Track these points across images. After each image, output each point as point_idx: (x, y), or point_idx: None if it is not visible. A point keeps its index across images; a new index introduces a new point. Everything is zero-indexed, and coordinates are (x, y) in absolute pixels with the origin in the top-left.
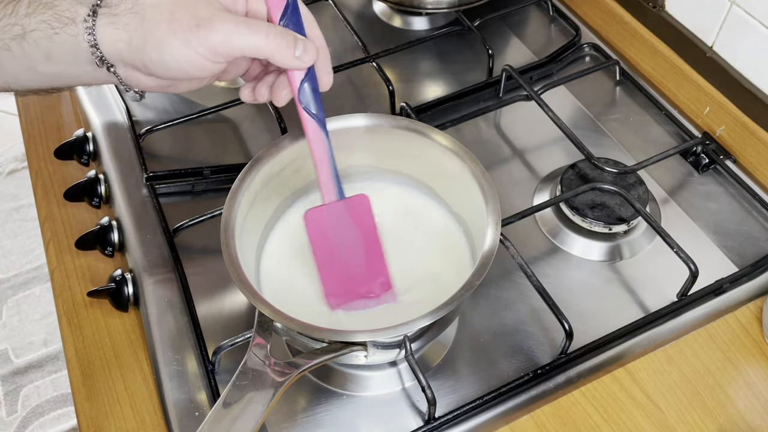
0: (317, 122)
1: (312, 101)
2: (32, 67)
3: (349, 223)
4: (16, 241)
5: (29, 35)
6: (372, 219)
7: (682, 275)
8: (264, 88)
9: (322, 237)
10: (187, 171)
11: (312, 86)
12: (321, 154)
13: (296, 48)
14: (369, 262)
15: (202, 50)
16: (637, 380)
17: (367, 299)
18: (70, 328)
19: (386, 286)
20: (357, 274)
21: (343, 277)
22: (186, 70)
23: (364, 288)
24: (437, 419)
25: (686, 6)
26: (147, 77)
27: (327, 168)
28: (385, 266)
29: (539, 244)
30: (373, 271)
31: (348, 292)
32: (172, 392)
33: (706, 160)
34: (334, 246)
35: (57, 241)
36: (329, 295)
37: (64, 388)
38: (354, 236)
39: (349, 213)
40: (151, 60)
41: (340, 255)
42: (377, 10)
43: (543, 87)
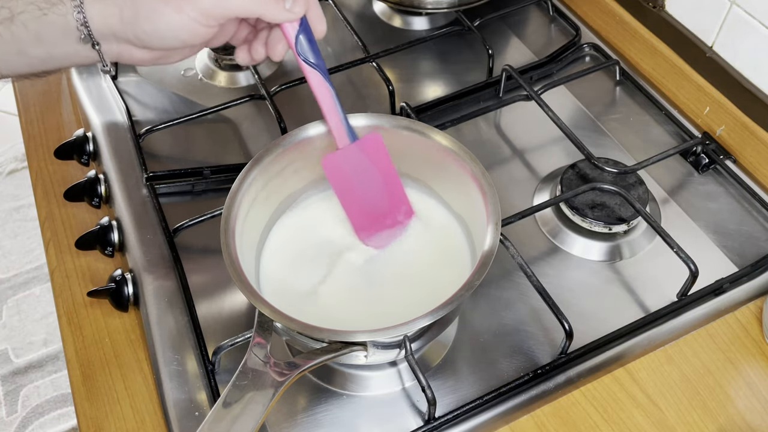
0: (318, 71)
1: (310, 51)
2: (22, 51)
3: (366, 162)
4: (16, 241)
5: (17, 18)
6: (386, 154)
7: (682, 275)
8: (260, 46)
9: (343, 179)
10: (187, 171)
11: (307, 37)
12: (327, 102)
13: (286, 1)
14: (390, 194)
15: (195, 14)
16: (637, 380)
17: (395, 228)
18: (70, 328)
19: (409, 213)
20: (381, 207)
21: (368, 211)
22: (180, 37)
23: (389, 218)
24: (437, 419)
25: (686, 6)
26: (140, 50)
27: (335, 114)
28: (405, 195)
29: (539, 244)
30: (394, 201)
31: (375, 224)
32: (172, 392)
33: (706, 160)
34: (355, 185)
35: (57, 241)
36: (358, 229)
37: (64, 388)
38: (372, 173)
39: (364, 153)
40: (144, 31)
41: (362, 192)
42: (377, 10)
43: (543, 87)
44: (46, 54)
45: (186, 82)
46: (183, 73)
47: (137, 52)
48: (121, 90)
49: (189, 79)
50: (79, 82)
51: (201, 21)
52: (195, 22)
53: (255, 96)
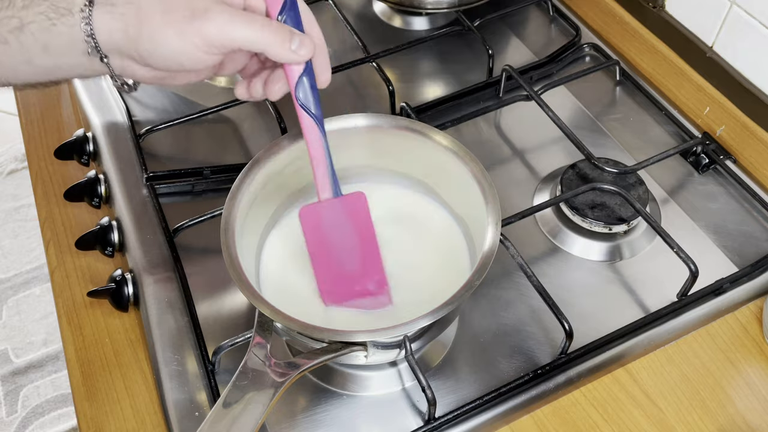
0: (314, 120)
1: (309, 98)
2: (30, 60)
3: (345, 220)
4: (16, 241)
5: (27, 27)
6: (368, 217)
7: (682, 275)
8: (258, 83)
9: (318, 234)
10: (187, 171)
11: (310, 83)
12: (318, 152)
13: (292, 42)
14: (365, 260)
15: (197, 41)
16: (637, 380)
17: (362, 299)
18: (70, 328)
19: (381, 284)
20: (352, 272)
21: (338, 274)
22: (180, 61)
23: (359, 286)
24: (437, 419)
25: (686, 6)
26: (143, 68)
27: (323, 165)
28: (381, 265)
29: (539, 244)
30: (368, 269)
31: (343, 289)
32: (172, 392)
33: (706, 160)
34: (329, 243)
35: (57, 241)
36: (324, 291)
37: (64, 388)
38: (350, 234)
39: (345, 211)
40: (146, 50)
41: (336, 252)
42: (377, 10)
43: (543, 87)
44: (53, 64)
45: None
46: None
47: (140, 69)
48: (118, 87)
49: None
50: (79, 82)
51: (203, 48)
52: (197, 48)
53: None
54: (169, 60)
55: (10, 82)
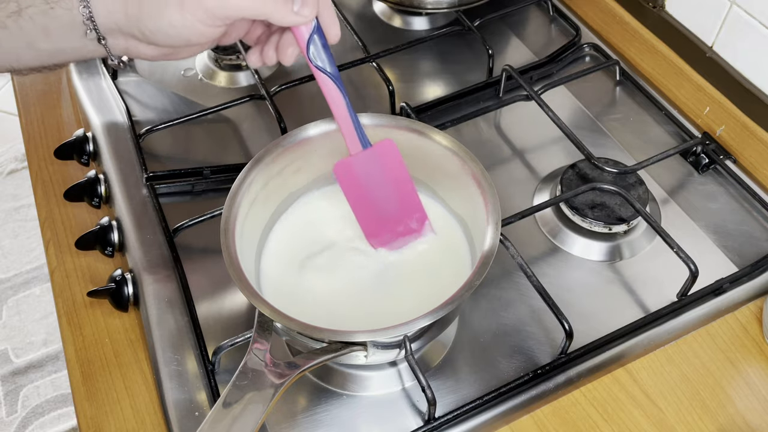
0: (331, 77)
1: (323, 57)
2: (31, 44)
3: (379, 168)
4: (16, 241)
5: (25, 11)
6: (401, 161)
7: (682, 275)
8: (271, 49)
9: (355, 186)
10: (187, 171)
11: (321, 42)
12: (339, 108)
13: (294, 3)
14: (403, 201)
15: (199, 14)
16: (637, 380)
17: (407, 236)
18: (70, 328)
19: (422, 219)
20: (393, 215)
21: (380, 219)
22: (184, 36)
23: (402, 225)
24: (437, 419)
25: (686, 6)
26: (147, 46)
27: (348, 121)
28: (419, 202)
29: (539, 244)
30: (408, 208)
31: (387, 231)
32: (172, 392)
33: (706, 160)
34: (367, 193)
35: (57, 241)
36: (369, 236)
37: (64, 388)
38: (385, 180)
39: (377, 160)
40: (149, 28)
41: (375, 200)
42: (377, 10)
43: (543, 87)
44: (55, 48)
45: (186, 82)
46: (183, 73)
47: (144, 47)
48: (121, 90)
49: (189, 79)
50: (79, 82)
51: (205, 21)
52: (199, 21)
53: (255, 96)
54: (172, 36)
55: (13, 68)
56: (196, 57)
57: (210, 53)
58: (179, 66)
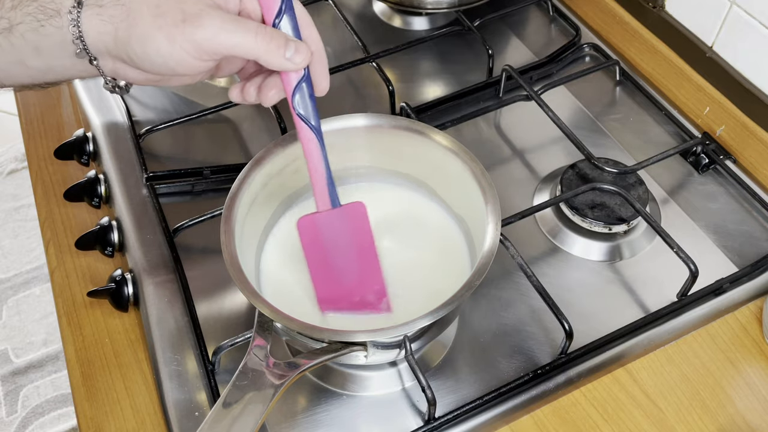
0: (313, 131)
1: (308, 108)
2: (22, 61)
3: (344, 231)
4: (16, 241)
5: (15, 28)
6: (368, 227)
7: (682, 275)
8: (252, 87)
9: (316, 244)
10: (187, 171)
11: (308, 92)
12: (315, 162)
13: (287, 49)
14: (363, 270)
15: (187, 46)
16: (637, 380)
17: (362, 309)
18: (70, 328)
19: (381, 294)
20: (351, 283)
21: (336, 284)
22: (170, 66)
23: (357, 296)
24: (437, 419)
25: (686, 6)
26: (134, 70)
27: (322, 175)
28: (381, 275)
29: (539, 244)
30: (367, 279)
31: (341, 299)
32: (172, 392)
33: (706, 160)
34: (327, 254)
35: (57, 241)
36: (322, 301)
37: (64, 388)
38: (348, 244)
39: (343, 221)
40: (136, 54)
41: (334, 263)
42: (377, 10)
43: (543, 87)
44: (46, 66)
45: None
46: None
47: (131, 71)
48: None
49: None
50: (79, 82)
51: (193, 54)
52: (187, 54)
53: None
54: (159, 64)
55: (3, 84)
56: None
57: None
58: None
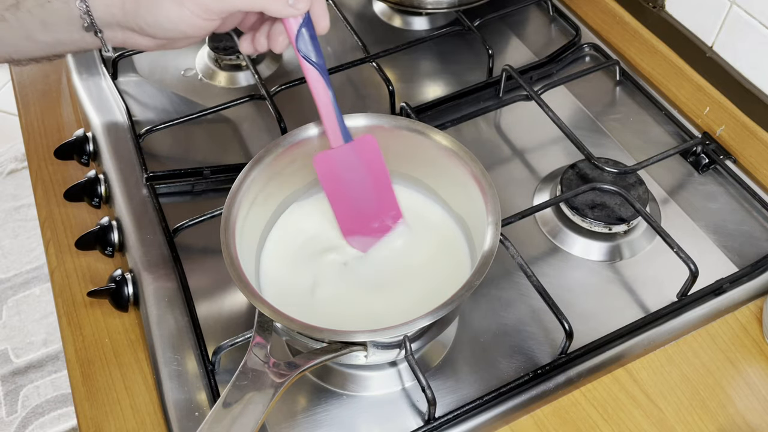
0: (317, 69)
1: (310, 48)
2: (30, 36)
3: (358, 163)
4: (16, 241)
5: (23, 4)
6: (380, 157)
7: (682, 275)
8: (262, 37)
9: (333, 179)
10: (187, 171)
11: (309, 33)
12: (324, 101)
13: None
14: (379, 197)
15: (195, 8)
16: (637, 380)
17: (382, 232)
18: (70, 328)
19: (397, 217)
20: (369, 210)
21: (356, 213)
22: (180, 29)
23: (377, 221)
24: (437, 419)
25: (686, 6)
26: (144, 38)
27: (331, 114)
28: (395, 199)
29: (539, 244)
30: (384, 205)
31: (362, 226)
32: (172, 392)
33: (706, 160)
34: (345, 186)
35: (57, 241)
36: (345, 231)
37: (64, 388)
38: (363, 175)
39: (356, 154)
40: (146, 22)
41: (352, 194)
42: (377, 10)
43: (543, 87)
44: (54, 39)
45: (186, 82)
46: (183, 73)
47: (141, 39)
48: (121, 90)
49: (189, 79)
50: (79, 82)
51: (201, 15)
52: (195, 15)
53: (255, 96)
54: (169, 29)
55: (12, 58)
56: (196, 57)
57: (210, 53)
58: (179, 66)
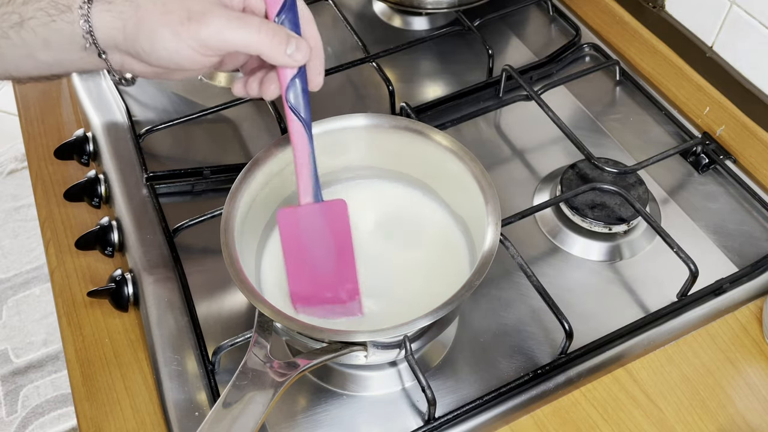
0: (302, 124)
1: (300, 101)
2: (31, 55)
3: (323, 226)
4: (16, 241)
5: (27, 23)
6: (347, 225)
7: (682, 275)
8: (255, 82)
9: (294, 237)
10: (187, 171)
11: (302, 86)
12: (303, 156)
13: (288, 46)
14: (339, 267)
15: (192, 43)
16: (637, 380)
17: (333, 305)
18: (70, 328)
19: (353, 294)
20: (325, 278)
21: (310, 278)
22: (176, 61)
23: (330, 293)
24: (437, 419)
25: (686, 6)
26: (141, 64)
27: (307, 169)
28: (355, 274)
29: (539, 244)
30: (342, 276)
31: (314, 294)
32: (172, 392)
33: (706, 160)
34: (305, 247)
35: (57, 241)
36: (294, 295)
37: (64, 388)
38: (327, 240)
39: (323, 217)
40: (143, 49)
41: (310, 257)
42: (377, 10)
43: (543, 87)
44: (54, 59)
45: (186, 82)
46: None
47: (138, 65)
48: (121, 90)
49: (189, 79)
50: (79, 82)
51: (198, 50)
52: (192, 50)
53: None
54: (165, 59)
55: (12, 76)
56: None
57: None
58: None
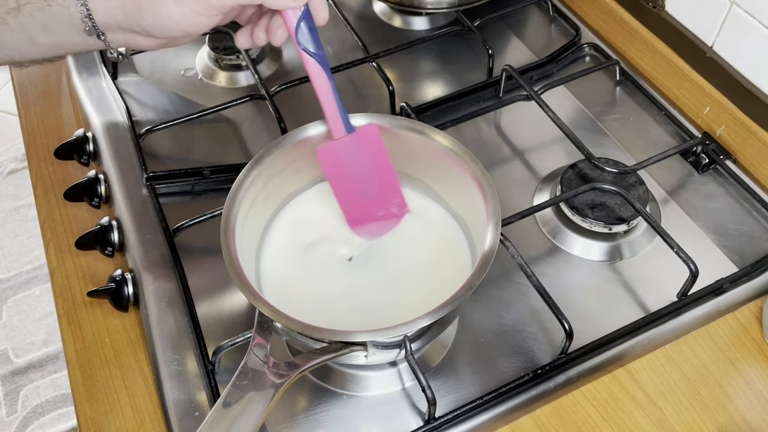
0: (317, 60)
1: (310, 40)
2: (31, 39)
3: (361, 154)
4: (16, 241)
5: (23, 8)
6: (383, 146)
7: (682, 275)
8: (261, 31)
9: (337, 170)
10: (187, 171)
11: (308, 25)
12: (324, 92)
13: None
14: (383, 186)
15: (196, 6)
16: (637, 380)
17: (387, 220)
18: (70, 328)
19: (402, 206)
20: (373, 199)
21: (361, 203)
22: (182, 27)
23: (381, 210)
24: (437, 419)
25: (686, 6)
26: (146, 38)
27: (332, 104)
28: (399, 188)
29: (539, 244)
30: (388, 194)
31: (367, 216)
32: (172, 392)
33: (706, 160)
34: (348, 177)
35: (57, 241)
36: (350, 220)
37: (64, 388)
38: (366, 165)
39: (359, 145)
40: (148, 23)
41: (356, 184)
42: (377, 10)
43: (543, 87)
44: (56, 42)
45: (186, 82)
46: (183, 73)
47: (143, 40)
48: (121, 90)
49: (189, 79)
50: (79, 82)
51: (203, 12)
52: (196, 13)
53: (255, 96)
54: (171, 29)
55: (14, 60)
56: (196, 57)
57: (210, 53)
58: (179, 66)
